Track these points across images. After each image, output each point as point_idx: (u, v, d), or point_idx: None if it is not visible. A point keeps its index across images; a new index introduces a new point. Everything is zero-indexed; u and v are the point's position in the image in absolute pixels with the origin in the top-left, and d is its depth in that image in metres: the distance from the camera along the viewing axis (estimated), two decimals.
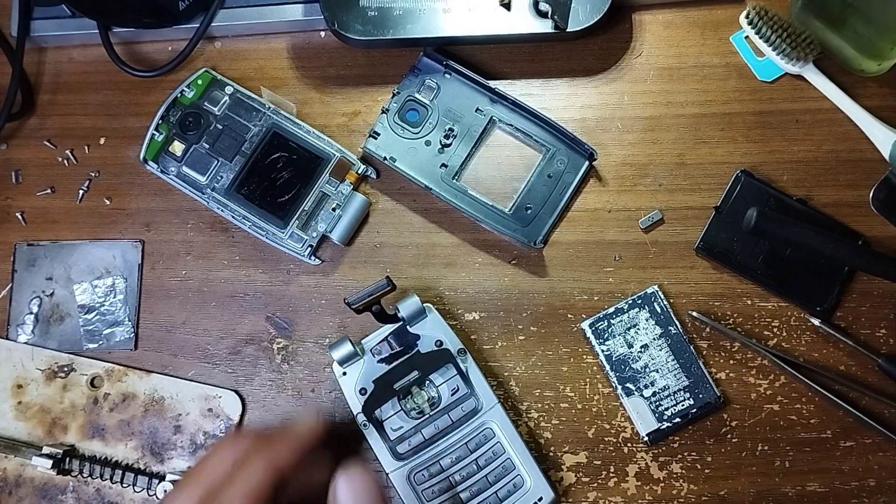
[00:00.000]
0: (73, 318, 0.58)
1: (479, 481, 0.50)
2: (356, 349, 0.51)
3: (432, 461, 0.50)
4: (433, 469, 0.50)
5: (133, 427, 0.56)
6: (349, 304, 0.48)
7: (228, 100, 0.57)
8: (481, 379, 0.51)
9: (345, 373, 0.52)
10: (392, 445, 0.51)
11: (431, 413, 0.51)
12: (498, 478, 0.50)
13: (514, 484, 0.50)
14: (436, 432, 0.51)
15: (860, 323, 0.54)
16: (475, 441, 0.50)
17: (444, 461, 0.50)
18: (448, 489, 0.50)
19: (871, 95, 0.56)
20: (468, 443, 0.50)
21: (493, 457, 0.50)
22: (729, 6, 0.58)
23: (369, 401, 0.51)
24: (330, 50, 0.60)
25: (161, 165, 0.57)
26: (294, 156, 0.57)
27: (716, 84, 0.57)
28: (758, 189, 0.55)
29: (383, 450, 0.50)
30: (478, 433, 0.51)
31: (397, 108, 0.56)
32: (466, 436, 0.51)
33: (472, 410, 0.51)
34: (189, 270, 0.58)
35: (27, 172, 0.60)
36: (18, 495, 0.55)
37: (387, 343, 0.52)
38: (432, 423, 0.51)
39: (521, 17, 0.56)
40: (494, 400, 0.51)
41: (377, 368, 0.52)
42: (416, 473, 0.50)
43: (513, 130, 0.56)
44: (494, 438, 0.50)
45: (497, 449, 0.50)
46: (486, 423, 0.51)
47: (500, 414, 0.51)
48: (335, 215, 0.56)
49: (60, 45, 0.62)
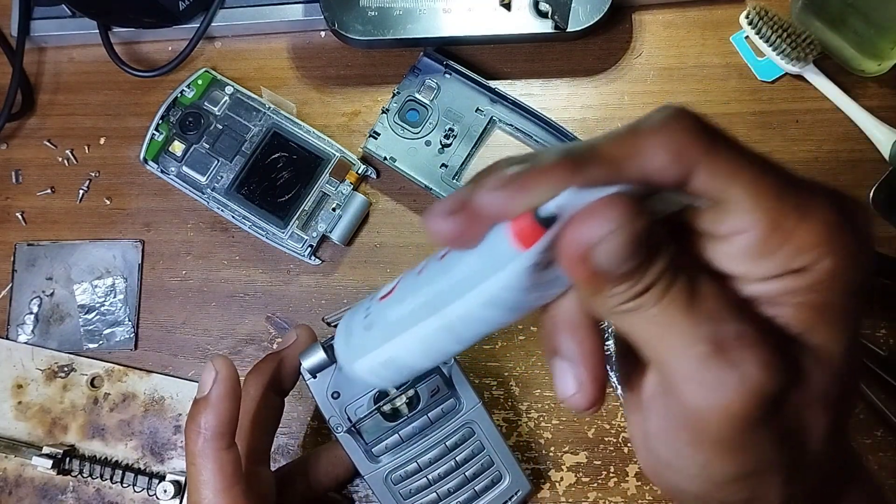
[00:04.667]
0: (73, 318, 0.58)
1: (457, 479, 0.50)
2: (329, 356, 0.47)
3: (409, 461, 0.49)
4: (410, 469, 0.49)
5: (133, 427, 0.56)
6: (329, 323, 0.47)
7: (228, 100, 0.57)
8: (463, 379, 0.50)
9: (314, 377, 0.48)
10: (367, 448, 0.49)
11: (409, 414, 0.49)
12: (476, 474, 0.50)
13: (493, 479, 0.50)
14: (414, 433, 0.49)
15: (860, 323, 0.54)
16: (454, 440, 0.49)
17: (421, 460, 0.49)
18: (426, 487, 0.49)
19: (871, 95, 0.56)
20: (447, 442, 0.49)
21: (471, 454, 0.50)
22: (729, 6, 0.58)
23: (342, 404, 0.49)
24: (330, 50, 0.60)
25: (161, 165, 0.57)
26: (294, 156, 0.57)
27: (716, 84, 0.57)
28: None
29: (359, 453, 0.49)
30: (457, 432, 0.50)
31: (397, 108, 0.56)
32: (445, 435, 0.49)
33: (452, 410, 0.49)
34: (189, 270, 0.58)
35: (27, 172, 0.60)
36: (18, 495, 0.55)
37: None
38: (410, 424, 0.49)
39: (521, 17, 0.56)
40: (476, 400, 0.49)
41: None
42: (393, 474, 0.49)
43: (513, 130, 0.56)
44: (474, 437, 0.50)
45: (476, 447, 0.50)
46: (466, 422, 0.50)
47: (481, 412, 0.50)
48: (335, 215, 0.56)
49: (60, 45, 0.62)
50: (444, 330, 0.25)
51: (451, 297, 0.24)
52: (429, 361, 0.26)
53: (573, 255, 0.21)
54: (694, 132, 0.22)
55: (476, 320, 0.24)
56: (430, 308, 0.25)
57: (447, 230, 0.23)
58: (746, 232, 0.22)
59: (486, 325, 0.25)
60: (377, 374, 0.27)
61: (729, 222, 0.22)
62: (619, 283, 0.22)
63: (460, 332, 0.25)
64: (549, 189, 0.22)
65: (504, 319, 0.24)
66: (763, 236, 0.22)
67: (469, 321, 0.24)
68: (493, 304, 0.24)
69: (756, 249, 0.22)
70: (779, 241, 0.22)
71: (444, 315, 0.24)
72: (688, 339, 0.22)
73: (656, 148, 0.22)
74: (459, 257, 0.24)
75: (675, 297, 0.22)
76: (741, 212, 0.22)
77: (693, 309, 0.22)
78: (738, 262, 0.23)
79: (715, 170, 0.22)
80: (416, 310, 0.25)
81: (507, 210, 0.22)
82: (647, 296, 0.22)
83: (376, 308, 0.27)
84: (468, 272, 0.24)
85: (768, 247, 0.22)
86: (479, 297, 0.23)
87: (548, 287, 0.24)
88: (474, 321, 0.24)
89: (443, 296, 0.24)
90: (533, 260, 0.22)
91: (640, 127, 0.22)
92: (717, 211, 0.22)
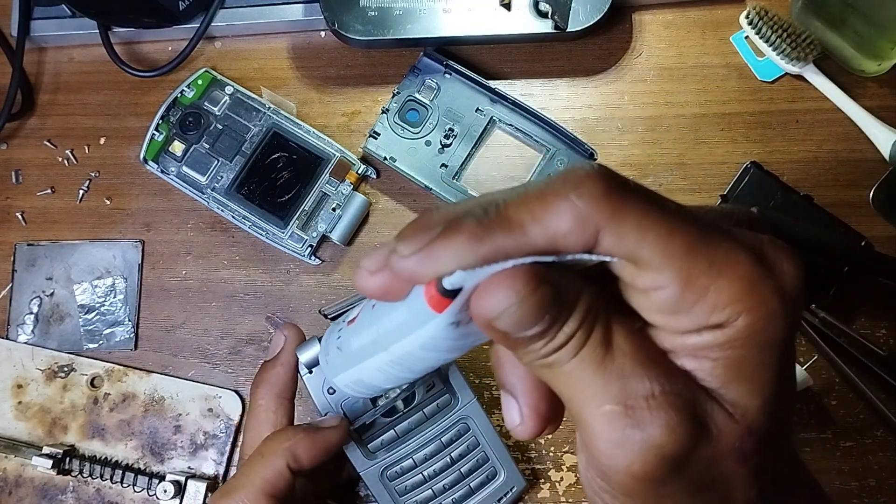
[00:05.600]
0: (73, 318, 0.58)
1: (452, 475, 0.50)
2: None
3: (405, 457, 0.49)
4: (406, 465, 0.49)
5: (133, 427, 0.56)
6: (326, 315, 0.47)
7: (228, 100, 0.57)
8: (458, 374, 0.50)
9: (311, 371, 0.48)
10: (363, 444, 0.49)
11: (405, 410, 0.49)
12: (471, 470, 0.50)
13: (488, 476, 0.50)
14: (409, 429, 0.49)
15: (860, 323, 0.54)
16: (449, 436, 0.49)
17: (417, 456, 0.49)
18: (421, 483, 0.49)
19: (871, 95, 0.56)
20: (442, 437, 0.49)
21: (467, 450, 0.50)
22: (729, 6, 0.58)
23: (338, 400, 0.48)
24: (330, 50, 0.60)
25: (161, 165, 0.57)
26: (294, 156, 0.57)
27: (716, 84, 0.57)
28: (766, 182, 0.55)
29: (354, 450, 0.49)
30: (452, 428, 0.50)
31: (397, 108, 0.56)
32: (441, 431, 0.49)
33: (447, 406, 0.50)
34: (189, 270, 0.58)
35: (27, 172, 0.60)
36: (18, 495, 0.55)
37: None
38: (406, 420, 0.49)
39: (521, 17, 0.56)
40: (471, 395, 0.49)
41: None
42: (388, 470, 0.49)
43: (513, 130, 0.56)
44: (469, 433, 0.50)
45: (472, 443, 0.50)
46: (461, 418, 0.50)
47: (476, 408, 0.50)
48: (335, 215, 0.56)
49: (60, 45, 0.62)
50: (395, 364, 0.27)
51: (392, 338, 0.26)
52: (392, 384, 0.29)
53: (481, 322, 0.23)
54: (598, 196, 0.22)
55: (419, 359, 0.26)
56: (378, 345, 0.27)
57: (373, 287, 0.24)
58: (661, 289, 0.23)
59: (431, 361, 0.27)
60: (353, 390, 0.30)
61: (643, 278, 0.23)
62: (532, 343, 0.23)
63: (410, 365, 0.27)
64: (454, 258, 0.22)
65: (446, 357, 0.26)
66: (677, 294, 0.22)
67: (413, 359, 0.26)
68: (429, 348, 0.25)
69: (671, 305, 0.23)
70: (693, 299, 0.22)
71: (391, 352, 0.27)
72: (598, 396, 0.23)
73: (559, 214, 0.22)
74: (391, 306, 0.26)
75: (588, 353, 0.23)
76: (653, 269, 0.22)
77: (605, 366, 0.23)
78: (656, 315, 0.23)
79: (620, 232, 0.22)
80: (369, 345, 0.28)
81: (417, 277, 0.23)
82: (562, 352, 0.23)
83: (345, 332, 0.29)
84: (399, 321, 0.26)
85: (683, 303, 0.22)
86: (415, 343, 0.25)
87: (477, 335, 0.25)
88: (418, 360, 0.26)
89: (387, 336, 0.26)
90: (449, 320, 0.24)
91: (546, 189, 0.22)
92: (633, 266, 0.23)
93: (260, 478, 0.41)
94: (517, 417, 0.26)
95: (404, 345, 0.26)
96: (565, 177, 0.22)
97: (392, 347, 0.26)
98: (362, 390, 0.30)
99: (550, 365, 0.23)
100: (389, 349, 0.26)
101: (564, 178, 0.22)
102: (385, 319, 0.26)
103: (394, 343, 0.26)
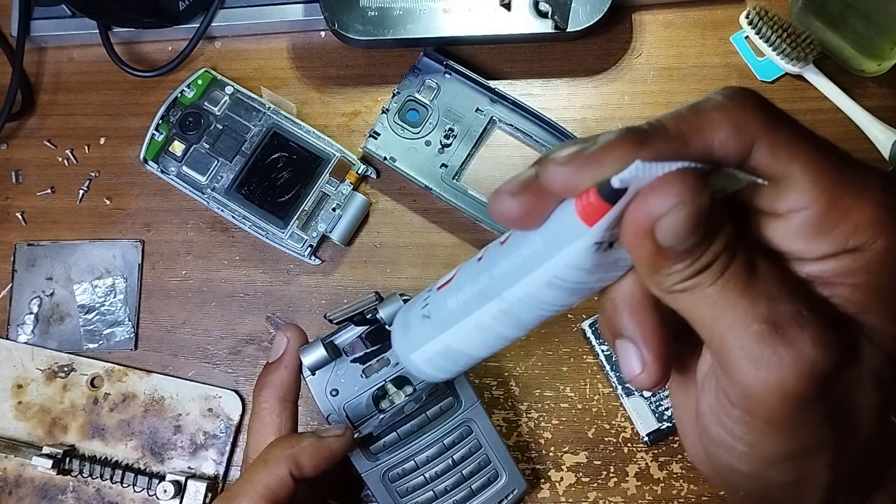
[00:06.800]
0: (73, 318, 0.58)
1: (454, 477, 0.50)
2: (329, 353, 0.48)
3: (407, 459, 0.49)
4: (408, 466, 0.49)
5: (133, 427, 0.56)
6: (331, 320, 0.47)
7: (228, 100, 0.57)
8: (461, 377, 0.49)
9: (313, 374, 0.48)
10: (365, 446, 0.49)
11: (408, 413, 0.49)
12: (472, 472, 0.50)
13: (489, 478, 0.50)
14: (412, 431, 0.49)
15: None
16: (451, 438, 0.50)
17: (419, 458, 0.49)
18: (423, 485, 0.49)
19: (871, 95, 0.56)
20: (444, 440, 0.49)
21: (469, 453, 0.50)
22: (729, 6, 0.58)
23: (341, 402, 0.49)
24: (330, 50, 0.60)
25: (161, 165, 0.57)
26: (294, 156, 0.57)
27: (716, 84, 0.57)
28: None
29: (356, 451, 0.49)
30: (455, 431, 0.50)
31: (397, 108, 0.56)
32: (443, 433, 0.49)
33: (450, 409, 0.50)
34: (189, 270, 0.58)
35: (27, 172, 0.60)
36: (18, 495, 0.55)
37: (360, 342, 0.49)
38: (409, 422, 0.49)
39: (521, 17, 0.56)
40: (474, 398, 0.49)
41: (350, 368, 0.49)
42: (390, 472, 0.49)
43: (513, 130, 0.56)
44: (471, 435, 0.50)
45: (473, 445, 0.50)
46: (463, 420, 0.50)
47: (479, 411, 0.50)
48: (335, 215, 0.56)
49: (60, 45, 0.62)
50: (504, 315, 0.25)
51: (512, 279, 0.24)
52: (486, 349, 0.26)
53: (637, 230, 0.22)
54: (755, 109, 0.23)
55: (537, 303, 0.24)
56: (489, 293, 0.25)
57: (512, 209, 0.23)
58: (804, 209, 0.23)
59: (547, 308, 0.25)
60: (434, 365, 0.27)
61: (787, 200, 0.23)
62: (679, 261, 0.22)
63: (520, 316, 0.25)
64: (615, 163, 0.22)
65: (564, 302, 0.25)
66: (820, 214, 0.23)
67: (530, 304, 0.24)
68: (556, 285, 0.24)
69: (813, 227, 0.23)
70: (835, 220, 0.23)
71: (504, 299, 0.24)
72: (744, 317, 0.22)
73: (719, 123, 0.22)
74: (522, 239, 0.24)
75: (732, 276, 0.22)
76: (800, 189, 0.23)
77: (750, 288, 0.22)
78: (795, 241, 0.23)
79: (775, 146, 0.22)
80: (476, 296, 0.25)
81: (575, 184, 0.22)
82: (706, 274, 0.22)
83: (434, 298, 0.27)
84: (530, 252, 0.24)
85: (825, 225, 0.23)
86: (542, 277, 0.23)
87: (609, 269, 0.24)
88: (535, 304, 0.24)
89: (504, 279, 0.24)
90: (597, 237, 0.22)
91: (703, 104, 0.23)
92: (776, 189, 0.23)
93: (262, 485, 0.41)
94: (638, 366, 0.25)
95: (528, 282, 0.24)
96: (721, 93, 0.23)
97: (509, 291, 0.24)
98: (446, 363, 0.27)
99: (692, 288, 0.22)
100: (504, 294, 0.24)
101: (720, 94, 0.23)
102: (508, 257, 0.24)
103: (514, 283, 0.24)
